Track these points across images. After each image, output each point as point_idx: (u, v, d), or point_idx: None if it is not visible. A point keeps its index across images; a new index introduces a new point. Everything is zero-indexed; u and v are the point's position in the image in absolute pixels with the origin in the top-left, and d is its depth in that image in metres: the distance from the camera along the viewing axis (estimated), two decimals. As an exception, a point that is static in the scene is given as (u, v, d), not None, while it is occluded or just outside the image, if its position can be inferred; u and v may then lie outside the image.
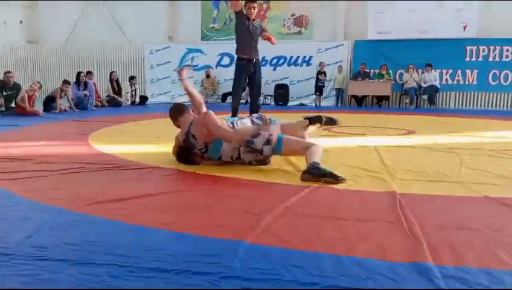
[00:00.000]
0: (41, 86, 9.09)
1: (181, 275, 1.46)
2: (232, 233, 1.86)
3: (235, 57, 5.98)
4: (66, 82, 9.78)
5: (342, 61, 12.97)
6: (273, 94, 13.35)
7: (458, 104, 12.36)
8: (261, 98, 13.17)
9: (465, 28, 11.97)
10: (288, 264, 1.55)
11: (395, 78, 12.61)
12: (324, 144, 4.54)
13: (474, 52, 12.00)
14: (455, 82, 12.21)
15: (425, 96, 12.09)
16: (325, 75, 12.87)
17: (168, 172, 3.17)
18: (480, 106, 12.17)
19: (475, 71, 12.04)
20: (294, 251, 1.68)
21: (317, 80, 12.84)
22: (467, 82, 12.17)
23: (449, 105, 12.40)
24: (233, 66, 16.05)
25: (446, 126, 6.80)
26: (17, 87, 8.59)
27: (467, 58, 12.02)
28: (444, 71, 12.23)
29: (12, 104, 8.42)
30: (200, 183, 2.87)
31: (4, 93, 8.40)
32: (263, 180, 2.90)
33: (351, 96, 12.77)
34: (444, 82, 12.20)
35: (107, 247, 1.69)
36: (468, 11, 11.90)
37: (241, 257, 1.61)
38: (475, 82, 12.10)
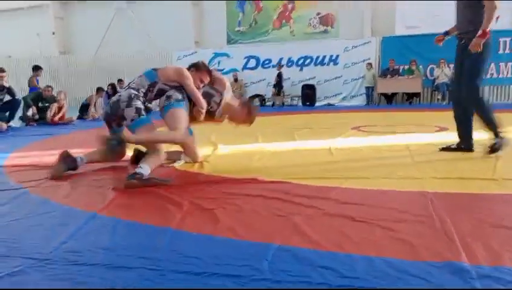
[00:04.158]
0: (65, 94, 9.34)
1: (212, 278, 1.48)
2: (261, 235, 1.87)
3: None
4: (100, 90, 10.69)
5: (369, 58, 12.79)
6: (300, 95, 13.33)
7: (492, 98, 11.95)
8: (288, 99, 13.43)
9: (497, 18, 11.56)
10: (318, 266, 1.54)
11: (426, 74, 12.33)
12: (354, 143, 4.54)
13: (508, 44, 11.59)
14: (489, 76, 11.79)
15: (457, 92, 11.76)
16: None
17: (191, 176, 3.19)
18: (516, 99, 11.76)
19: (509, 64, 11.63)
20: (324, 253, 1.66)
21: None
22: (501, 75, 11.77)
23: (483, 99, 12.02)
24: (259, 69, 15.77)
25: (479, 122, 6.57)
26: (52, 100, 8.86)
27: (501, 51, 11.61)
28: (477, 65, 11.86)
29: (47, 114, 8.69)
30: (223, 185, 2.84)
31: (40, 104, 8.68)
32: (290, 181, 2.88)
33: (380, 94, 12.57)
34: (477, 76, 11.84)
35: (139, 251, 1.73)
36: (500, 0, 11.49)
37: (270, 259, 1.61)
38: (509, 75, 11.69)
